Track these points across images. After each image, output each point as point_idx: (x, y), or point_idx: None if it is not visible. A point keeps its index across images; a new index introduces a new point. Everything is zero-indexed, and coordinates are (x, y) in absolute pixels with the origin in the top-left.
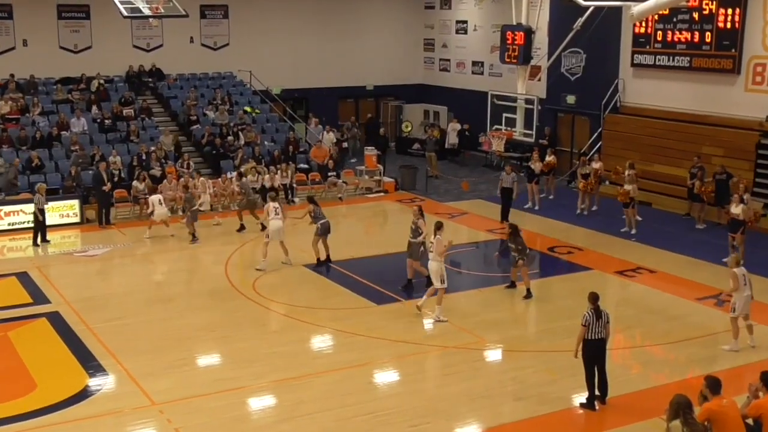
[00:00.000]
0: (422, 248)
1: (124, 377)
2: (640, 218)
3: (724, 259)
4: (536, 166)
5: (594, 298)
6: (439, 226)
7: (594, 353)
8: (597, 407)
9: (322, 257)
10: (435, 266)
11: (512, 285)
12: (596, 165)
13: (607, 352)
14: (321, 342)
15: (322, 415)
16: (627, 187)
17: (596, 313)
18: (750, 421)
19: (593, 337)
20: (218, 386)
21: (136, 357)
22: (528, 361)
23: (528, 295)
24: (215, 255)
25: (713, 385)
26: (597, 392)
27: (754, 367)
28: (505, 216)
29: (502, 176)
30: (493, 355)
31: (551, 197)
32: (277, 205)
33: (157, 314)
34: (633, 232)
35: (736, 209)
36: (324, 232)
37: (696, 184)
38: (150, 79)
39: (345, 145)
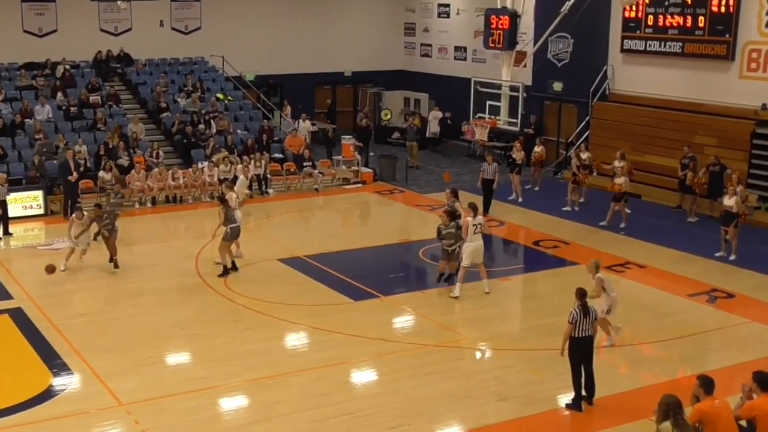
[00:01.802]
0: (458, 230)
1: (90, 376)
2: (629, 211)
3: (717, 254)
4: (518, 155)
5: (582, 294)
6: (475, 207)
7: (581, 352)
8: (584, 408)
9: (229, 264)
10: (481, 245)
11: (444, 278)
12: (584, 155)
13: (594, 351)
14: (296, 340)
15: (298, 416)
16: (619, 180)
17: (584, 310)
18: (743, 422)
19: (580, 335)
20: (189, 386)
21: (103, 355)
22: (512, 360)
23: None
24: (185, 249)
25: (706, 385)
26: (584, 392)
27: (747, 366)
28: (487, 208)
29: (483, 167)
30: (476, 353)
31: (536, 189)
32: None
33: (125, 310)
34: (622, 225)
35: (729, 201)
36: (234, 237)
37: (688, 175)
38: (118, 65)
39: (314, 128)
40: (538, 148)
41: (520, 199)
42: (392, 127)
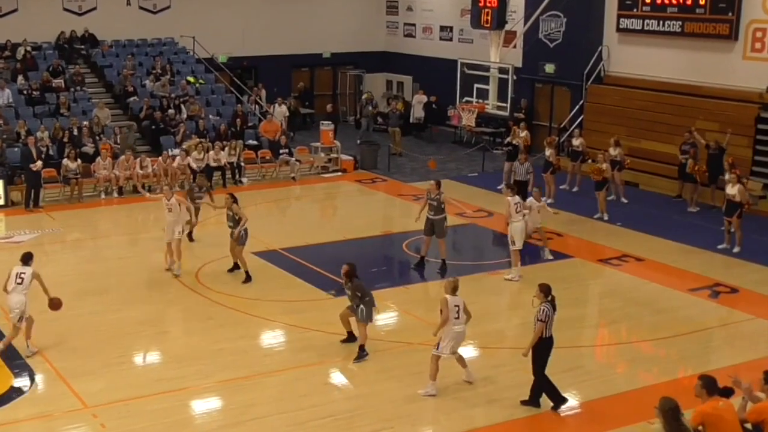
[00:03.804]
0: (446, 223)
1: (54, 377)
2: (625, 200)
3: (720, 246)
4: (519, 141)
5: (547, 289)
6: (513, 187)
7: (548, 351)
8: (561, 408)
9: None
10: (521, 226)
11: (350, 338)
12: (576, 141)
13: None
14: (272, 338)
15: (274, 418)
16: (603, 165)
17: (553, 306)
18: (749, 425)
19: (548, 334)
20: (158, 387)
21: (67, 355)
22: (503, 359)
23: (360, 355)
24: (154, 242)
25: (708, 385)
26: (530, 395)
27: (751, 365)
28: None
29: (514, 167)
30: (465, 352)
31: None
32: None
33: (91, 307)
34: (605, 217)
35: (732, 190)
36: (247, 238)
37: (689, 162)
38: (82, 46)
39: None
40: (522, 133)
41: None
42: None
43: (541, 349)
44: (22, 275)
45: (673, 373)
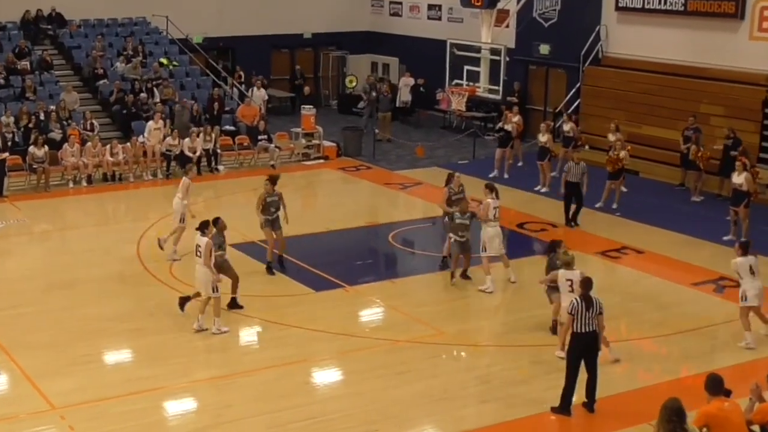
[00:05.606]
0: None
1: (19, 377)
2: (625, 189)
3: (725, 237)
4: (511, 127)
5: (584, 284)
6: (494, 187)
7: (582, 349)
8: (573, 412)
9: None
10: (496, 231)
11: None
12: (566, 126)
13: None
14: (250, 335)
15: (253, 420)
16: (621, 153)
17: (586, 302)
18: (756, 427)
19: (582, 330)
20: (130, 387)
21: (33, 353)
22: (494, 358)
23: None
24: (125, 233)
25: (710, 384)
26: (585, 398)
27: (758, 364)
28: (574, 218)
29: (568, 166)
30: (454, 350)
31: (520, 164)
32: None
33: (58, 302)
34: (614, 206)
35: (738, 179)
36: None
37: (692, 148)
38: (49, 26)
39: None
40: (515, 118)
41: (506, 176)
42: (357, 95)
43: (571, 343)
44: (200, 248)
45: (675, 372)
